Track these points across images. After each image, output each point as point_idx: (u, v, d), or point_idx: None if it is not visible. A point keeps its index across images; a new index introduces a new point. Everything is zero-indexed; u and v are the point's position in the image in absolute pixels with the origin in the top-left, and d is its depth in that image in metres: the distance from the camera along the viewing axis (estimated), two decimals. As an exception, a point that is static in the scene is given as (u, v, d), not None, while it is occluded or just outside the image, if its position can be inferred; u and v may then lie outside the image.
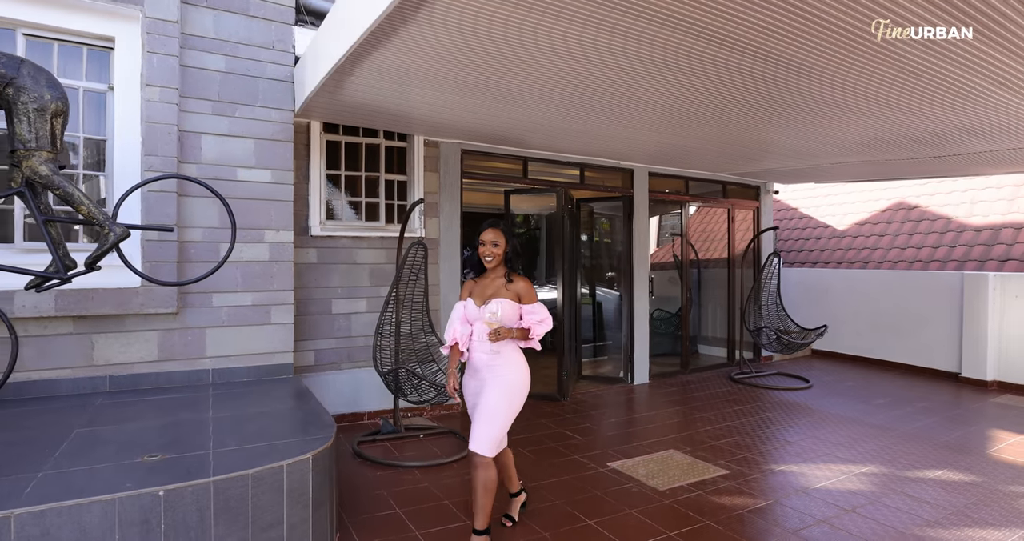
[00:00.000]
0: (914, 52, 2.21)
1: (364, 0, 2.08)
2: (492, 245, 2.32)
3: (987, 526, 2.51)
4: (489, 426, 2.22)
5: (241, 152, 3.27)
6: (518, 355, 2.36)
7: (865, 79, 2.58)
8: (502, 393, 2.26)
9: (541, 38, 2.22)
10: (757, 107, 3.18)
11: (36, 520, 1.55)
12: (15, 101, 2.15)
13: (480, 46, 2.33)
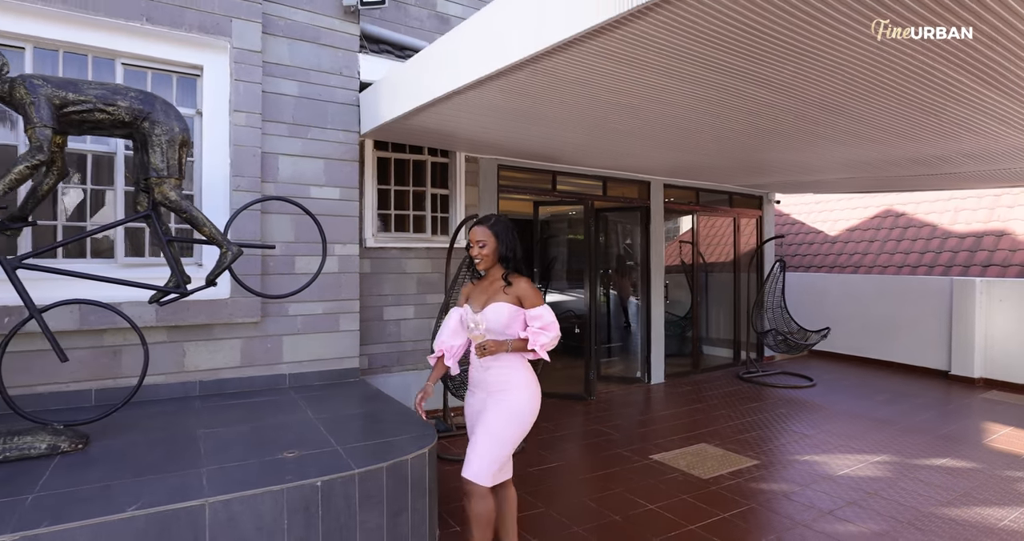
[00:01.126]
0: (932, 96, 2.58)
1: (481, 53, 2.36)
2: (479, 246, 2.05)
3: (991, 506, 2.90)
4: (487, 455, 1.94)
5: (313, 171, 3.51)
6: (523, 372, 2.02)
7: (885, 116, 2.95)
8: (504, 419, 1.96)
9: (605, 79, 2.51)
10: (781, 134, 3.54)
11: (224, 507, 1.80)
12: (150, 134, 2.37)
13: (560, 87, 2.62)
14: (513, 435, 1.98)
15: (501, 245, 2.04)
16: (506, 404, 1.98)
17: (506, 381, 2.00)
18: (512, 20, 2.16)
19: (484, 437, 1.96)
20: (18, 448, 2.11)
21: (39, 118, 2.11)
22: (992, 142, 3.40)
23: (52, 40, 2.86)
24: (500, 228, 2.07)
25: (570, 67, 2.25)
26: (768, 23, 1.76)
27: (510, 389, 1.99)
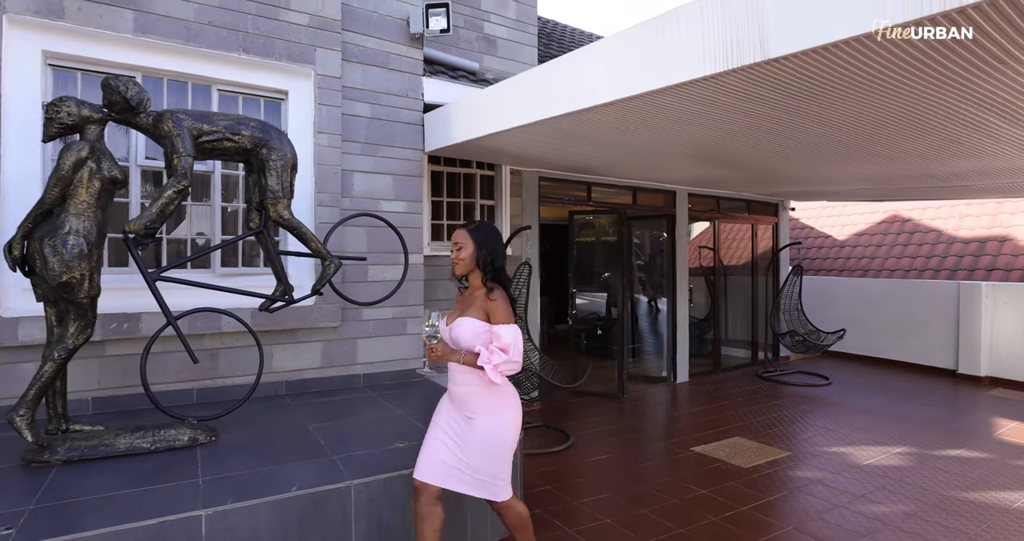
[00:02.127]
0: (956, 127, 2.89)
1: (569, 93, 2.66)
2: (456, 248, 1.94)
3: (1005, 490, 3.23)
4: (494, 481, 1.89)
5: (383, 186, 3.80)
6: (486, 399, 1.87)
7: (910, 142, 3.27)
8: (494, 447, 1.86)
9: (673, 113, 2.81)
10: (809, 154, 3.85)
11: (366, 488, 2.11)
12: (267, 159, 2.66)
13: (626, 118, 2.92)
14: (505, 460, 1.89)
15: (479, 251, 1.90)
16: (486, 435, 1.86)
17: (474, 403, 1.88)
18: (606, 72, 2.45)
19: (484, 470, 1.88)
20: (165, 440, 2.40)
21: (184, 149, 2.39)
22: (1002, 162, 3.72)
23: (158, 69, 3.14)
24: (480, 234, 1.93)
25: (645, 105, 2.55)
26: (828, 74, 2.06)
27: (479, 413, 1.87)
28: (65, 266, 2.14)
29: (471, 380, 1.87)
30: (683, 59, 2.05)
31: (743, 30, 1.83)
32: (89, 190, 2.23)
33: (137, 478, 2.11)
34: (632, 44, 2.30)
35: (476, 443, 1.86)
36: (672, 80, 2.09)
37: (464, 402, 1.90)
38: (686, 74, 2.04)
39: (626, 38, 2.32)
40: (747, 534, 2.66)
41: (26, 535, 1.67)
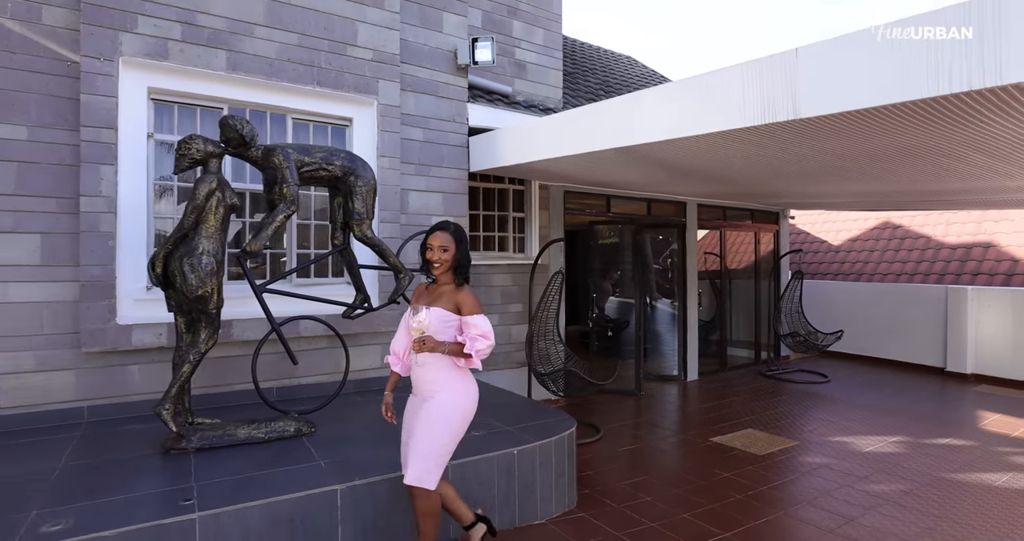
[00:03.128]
0: (955, 163, 3.34)
1: (619, 130, 3.08)
2: (440, 250, 2.06)
3: (988, 472, 3.69)
4: (424, 460, 2.01)
5: (434, 203, 4.20)
6: (450, 374, 2.06)
7: (912, 171, 3.72)
8: (432, 425, 2.02)
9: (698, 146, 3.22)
10: (814, 177, 4.29)
11: (472, 466, 2.50)
12: (354, 185, 3.05)
13: (660, 151, 3.33)
14: (448, 438, 2.03)
15: (459, 253, 2.07)
16: (436, 410, 2.02)
17: (433, 381, 2.04)
18: (649, 117, 2.88)
19: (421, 446, 2.02)
20: (276, 431, 2.78)
21: (292, 179, 2.78)
22: (982, 183, 4.20)
23: (243, 101, 3.52)
24: (459, 237, 2.10)
25: (682, 144, 2.97)
26: (845, 126, 2.49)
27: (437, 391, 2.04)
28: (200, 281, 2.52)
29: (437, 365, 2.05)
30: (723, 112, 2.48)
31: (778, 93, 2.26)
32: (216, 216, 2.61)
33: (265, 462, 2.50)
34: (673, 97, 2.74)
35: (431, 417, 2.02)
36: (713, 128, 2.52)
37: (429, 384, 2.07)
38: (725, 125, 2.47)
39: (669, 92, 2.76)
40: (769, 508, 3.10)
41: (203, 504, 2.05)
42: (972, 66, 1.73)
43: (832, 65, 2.11)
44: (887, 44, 1.94)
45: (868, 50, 2.01)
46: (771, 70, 2.30)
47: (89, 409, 3.12)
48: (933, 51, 1.83)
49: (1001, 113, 2.09)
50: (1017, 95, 1.81)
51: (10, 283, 2.96)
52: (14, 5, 2.97)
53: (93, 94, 3.04)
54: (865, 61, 2.02)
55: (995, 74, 1.67)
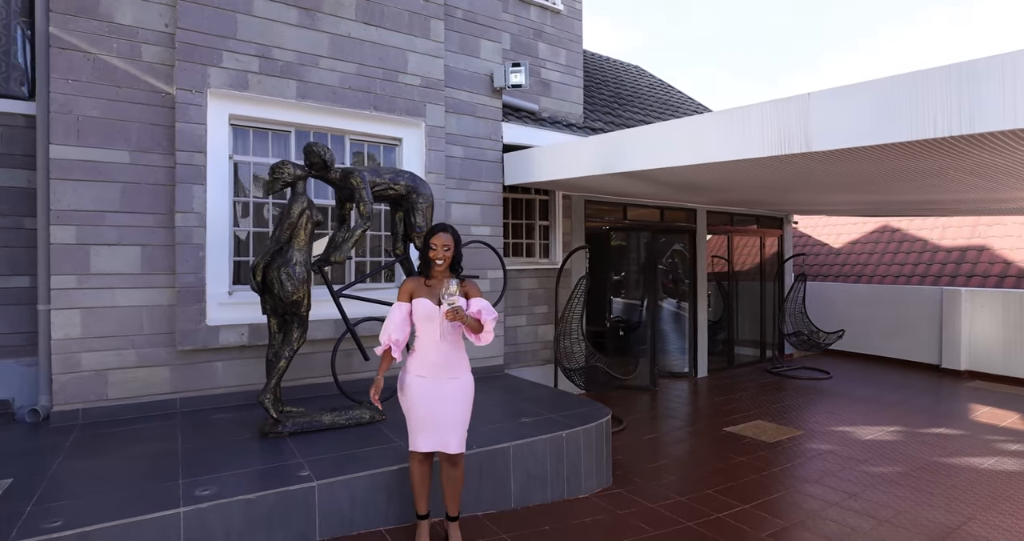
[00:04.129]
0: (943, 183, 3.75)
1: (652, 153, 3.50)
2: (443, 249, 2.38)
3: (976, 456, 4.11)
4: (463, 430, 2.36)
5: (473, 214, 4.61)
6: (466, 357, 2.43)
7: (909, 187, 4.12)
8: (468, 400, 2.38)
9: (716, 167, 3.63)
10: (817, 189, 4.70)
11: (530, 446, 2.93)
12: (415, 202, 3.46)
13: (684, 172, 3.73)
14: (470, 414, 2.40)
15: (456, 251, 2.41)
16: (466, 388, 2.37)
17: (458, 363, 2.37)
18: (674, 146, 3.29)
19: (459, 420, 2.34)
20: (354, 418, 3.20)
21: (369, 199, 3.19)
22: (971, 195, 4.61)
23: (308, 125, 3.93)
24: (457, 237, 2.45)
25: (709, 166, 3.38)
26: (851, 156, 2.90)
27: (461, 372, 2.37)
28: (295, 288, 2.93)
29: (460, 347, 2.39)
30: (744, 144, 2.89)
31: (792, 129, 2.68)
32: (306, 231, 3.02)
33: (353, 442, 2.91)
34: (698, 129, 3.16)
35: (462, 397, 2.34)
36: (735, 157, 2.93)
37: (450, 366, 2.36)
38: (746, 154, 2.89)
39: (694, 124, 3.17)
40: (780, 485, 3.51)
41: (319, 474, 2.47)
42: (951, 117, 2.15)
43: (838, 109, 2.53)
44: (884, 95, 2.35)
45: (869, 98, 2.42)
46: (787, 110, 2.71)
47: (181, 401, 3.53)
48: (920, 103, 2.25)
49: (979, 148, 2.50)
50: (989, 139, 2.22)
51: (116, 289, 3.37)
52: (119, 45, 3.38)
53: (186, 122, 3.45)
54: (866, 107, 2.43)
55: (969, 125, 2.09)
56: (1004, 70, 2.03)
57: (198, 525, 2.18)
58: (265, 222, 3.92)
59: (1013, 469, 3.83)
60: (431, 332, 2.36)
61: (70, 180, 3.26)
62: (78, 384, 3.28)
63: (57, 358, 3.25)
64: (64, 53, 3.25)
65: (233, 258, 3.74)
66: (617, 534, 2.72)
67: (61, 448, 2.84)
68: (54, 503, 2.19)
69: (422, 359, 2.40)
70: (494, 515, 2.80)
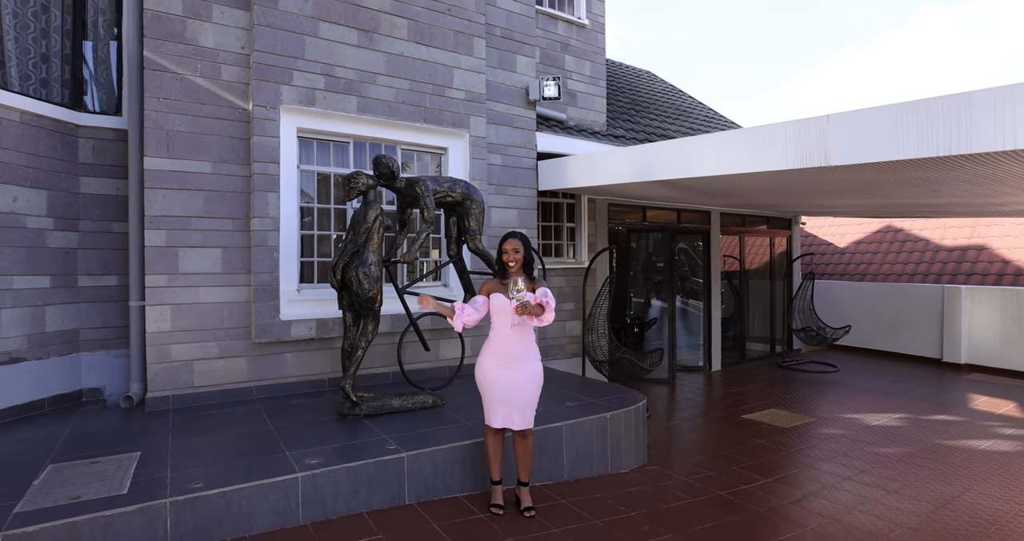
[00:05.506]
0: (937, 186, 4.11)
1: (677, 165, 3.86)
2: (514, 252, 2.73)
3: (975, 439, 4.49)
4: (530, 410, 2.75)
5: (510, 218, 4.97)
6: (536, 347, 2.82)
7: (908, 191, 4.49)
8: (535, 384, 2.76)
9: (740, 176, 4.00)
10: (826, 194, 5.06)
11: (579, 425, 3.30)
12: (470, 208, 3.82)
13: (709, 181, 4.09)
14: (537, 394, 2.77)
15: (526, 253, 2.78)
16: (538, 374, 2.75)
17: (528, 352, 2.73)
18: (704, 157, 3.66)
19: (530, 403, 2.73)
20: (419, 402, 3.57)
21: (432, 205, 3.55)
22: (970, 199, 4.98)
23: (365, 136, 4.29)
24: (525, 241, 2.81)
25: (733, 176, 3.75)
26: (865, 168, 3.26)
27: (531, 360, 2.73)
28: (371, 285, 3.30)
29: (532, 339, 2.77)
30: (769, 158, 3.26)
31: (812, 147, 3.04)
32: (379, 234, 3.39)
33: (423, 423, 3.28)
34: (724, 143, 3.52)
35: (532, 381, 2.72)
36: (760, 169, 3.30)
37: (520, 356, 2.71)
38: (770, 167, 3.26)
39: (720, 139, 3.54)
40: (798, 463, 3.89)
41: (405, 448, 2.84)
42: (952, 138, 2.52)
43: (854, 129, 2.89)
44: (895, 118, 2.72)
45: (882, 121, 2.79)
46: (807, 129, 3.08)
47: (256, 388, 3.90)
48: (925, 127, 2.62)
49: (975, 162, 2.87)
50: (984, 156, 2.59)
51: (200, 287, 3.74)
52: (202, 66, 3.74)
53: (262, 136, 3.81)
54: (879, 129, 2.80)
55: (967, 146, 2.46)
56: (995, 101, 2.41)
57: (312, 488, 2.55)
58: (326, 225, 4.28)
59: (1007, 450, 4.22)
60: (504, 323, 2.74)
61: (161, 189, 3.63)
62: (168, 373, 3.65)
63: (151, 350, 3.61)
64: (156, 74, 3.61)
65: (300, 259, 4.10)
66: (660, 501, 3.10)
67: (166, 428, 3.21)
68: (186, 470, 2.56)
69: (496, 349, 2.78)
70: (551, 485, 3.18)
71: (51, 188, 3.69)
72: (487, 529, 2.59)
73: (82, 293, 3.85)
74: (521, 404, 2.74)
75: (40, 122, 3.63)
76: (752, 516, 3.00)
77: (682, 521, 2.85)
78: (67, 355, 3.78)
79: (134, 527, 2.20)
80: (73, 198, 3.81)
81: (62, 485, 2.40)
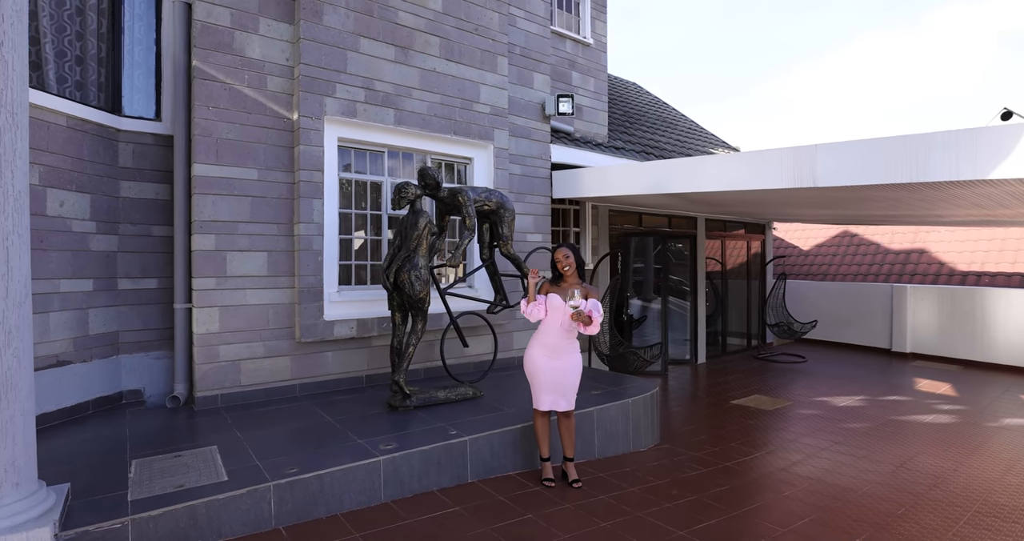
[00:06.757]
0: (897, 202, 4.81)
1: (685, 179, 4.36)
2: (565, 258, 3.15)
3: (920, 415, 5.27)
4: (572, 394, 3.16)
5: (528, 223, 5.35)
6: (576, 342, 3.20)
7: (870, 205, 5.19)
8: (576, 373, 3.17)
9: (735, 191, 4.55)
10: (799, 205, 5.73)
11: (605, 411, 3.73)
12: (502, 215, 4.16)
13: (706, 195, 4.62)
14: (578, 381, 3.20)
15: (577, 260, 3.20)
16: (579, 365, 3.19)
17: (572, 345, 3.18)
18: (709, 174, 4.17)
19: (573, 388, 3.15)
20: (461, 394, 3.91)
21: (473, 214, 3.87)
22: (917, 211, 5.78)
23: (399, 146, 4.56)
24: (575, 250, 3.22)
25: (732, 192, 4.28)
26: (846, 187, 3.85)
27: (574, 351, 3.18)
28: (422, 287, 3.60)
29: (574, 336, 3.20)
30: (765, 178, 3.80)
31: (803, 170, 3.60)
32: (428, 241, 3.69)
33: (471, 412, 3.63)
34: (728, 164, 4.04)
35: (575, 370, 3.17)
36: (753, 187, 3.84)
37: (565, 348, 3.15)
38: (767, 186, 3.80)
39: (725, 160, 4.06)
40: (784, 438, 4.49)
41: (465, 433, 3.19)
42: (910, 170, 3.12)
43: (838, 158, 3.47)
44: (868, 151, 3.30)
45: (858, 153, 3.37)
46: (799, 155, 3.63)
47: (299, 386, 4.12)
48: (891, 159, 3.22)
49: (927, 187, 3.50)
50: (933, 184, 3.21)
51: (247, 290, 3.92)
52: (249, 76, 3.91)
53: (308, 145, 4.02)
54: (856, 159, 3.38)
55: (923, 175, 3.06)
56: (946, 142, 3.03)
57: (392, 469, 2.86)
58: (360, 229, 4.52)
59: (945, 422, 5.00)
60: (556, 320, 3.14)
61: (211, 194, 3.78)
62: (217, 373, 3.82)
63: (200, 350, 3.77)
64: (205, 83, 3.75)
65: (339, 262, 4.33)
66: (679, 472, 3.59)
67: (226, 425, 3.42)
68: (272, 459, 2.82)
69: (545, 341, 3.18)
70: (585, 463, 3.60)
71: (94, 192, 3.77)
72: (544, 498, 2.98)
73: (122, 296, 3.95)
74: (566, 389, 3.16)
75: (84, 126, 3.70)
76: (755, 479, 3.55)
77: (701, 485, 3.35)
78: (108, 357, 3.87)
79: (242, 508, 2.45)
80: (114, 202, 3.89)
81: (159, 476, 2.61)
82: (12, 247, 1.77)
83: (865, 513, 3.03)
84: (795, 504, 3.15)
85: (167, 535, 2.25)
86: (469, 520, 2.67)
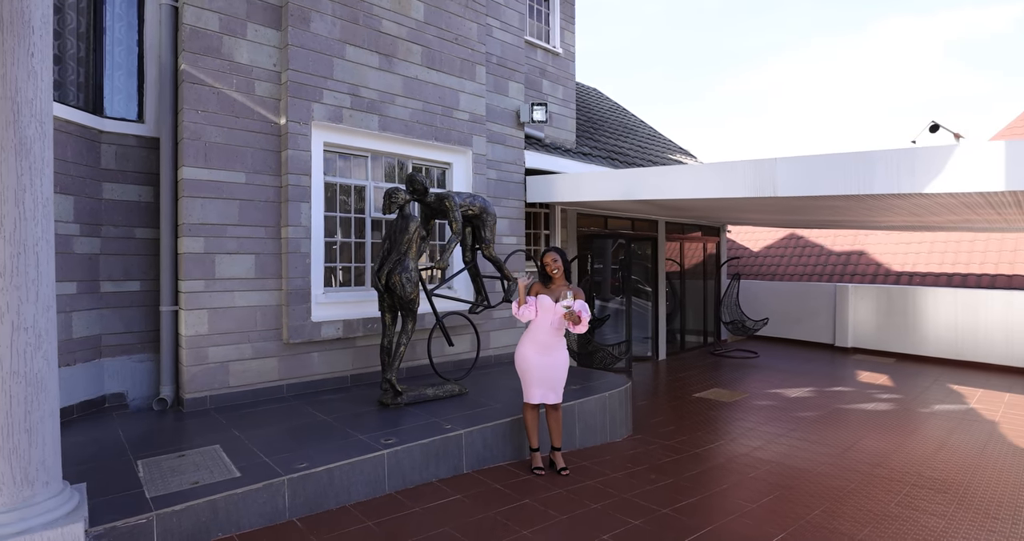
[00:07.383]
0: (846, 210, 5.37)
1: (658, 186, 4.71)
2: (553, 262, 3.36)
3: (861, 404, 5.87)
4: (560, 388, 3.39)
5: (504, 226, 5.57)
6: (564, 342, 3.47)
7: (820, 213, 5.75)
8: (564, 368, 3.41)
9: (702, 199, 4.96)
10: (755, 211, 6.26)
11: (584, 405, 3.99)
12: (484, 220, 4.36)
13: (679, 202, 5.01)
14: (565, 376, 3.43)
15: (565, 264, 3.46)
16: (566, 361, 3.43)
17: (560, 342, 3.41)
18: (678, 184, 4.54)
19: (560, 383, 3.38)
20: (448, 391, 4.08)
21: (459, 218, 4.05)
22: (858, 217, 6.44)
23: (382, 151, 4.68)
24: (562, 254, 3.48)
25: (711, 198, 4.67)
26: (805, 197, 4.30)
27: (562, 348, 3.42)
28: (412, 289, 3.75)
29: (562, 334, 3.42)
30: (731, 187, 4.20)
31: (764, 181, 4.01)
32: (417, 244, 3.84)
33: (460, 407, 3.80)
34: (695, 173, 4.42)
35: (563, 365, 3.41)
36: (720, 195, 4.24)
37: (554, 345, 3.37)
38: (732, 194, 4.20)
39: (694, 170, 4.42)
40: (745, 427, 4.92)
41: (460, 427, 3.37)
42: (857, 183, 3.57)
43: (795, 170, 3.89)
44: (820, 165, 3.74)
45: (813, 166, 3.80)
46: (761, 168, 4.04)
47: (286, 386, 4.16)
48: (840, 173, 3.66)
49: (871, 197, 3.99)
50: (876, 196, 3.69)
51: (235, 292, 3.94)
52: (237, 81, 3.93)
53: (295, 150, 4.08)
54: (810, 171, 3.81)
55: (868, 187, 3.52)
56: (887, 158, 3.49)
57: (395, 462, 3.00)
58: (348, 232, 4.60)
59: (885, 409, 5.60)
60: (546, 319, 3.37)
61: (199, 197, 3.79)
62: (206, 375, 3.82)
63: (189, 352, 3.76)
64: (194, 87, 3.76)
65: (325, 264, 4.40)
66: (654, 459, 3.90)
67: (220, 425, 3.44)
68: (279, 455, 2.90)
69: (535, 339, 3.41)
70: (568, 452, 3.85)
71: (77, 194, 3.69)
72: (537, 485, 3.20)
73: (105, 299, 3.87)
74: (555, 383, 3.40)
75: (68, 127, 3.63)
76: (722, 463, 3.92)
77: (676, 470, 3.67)
78: (91, 361, 3.79)
79: (259, 502, 2.54)
80: (96, 204, 3.82)
81: (170, 474, 2.65)
82: (41, 252, 1.81)
83: (821, 489, 3.44)
84: (760, 484, 3.52)
85: (190, 529, 2.32)
86: (471, 506, 2.86)
